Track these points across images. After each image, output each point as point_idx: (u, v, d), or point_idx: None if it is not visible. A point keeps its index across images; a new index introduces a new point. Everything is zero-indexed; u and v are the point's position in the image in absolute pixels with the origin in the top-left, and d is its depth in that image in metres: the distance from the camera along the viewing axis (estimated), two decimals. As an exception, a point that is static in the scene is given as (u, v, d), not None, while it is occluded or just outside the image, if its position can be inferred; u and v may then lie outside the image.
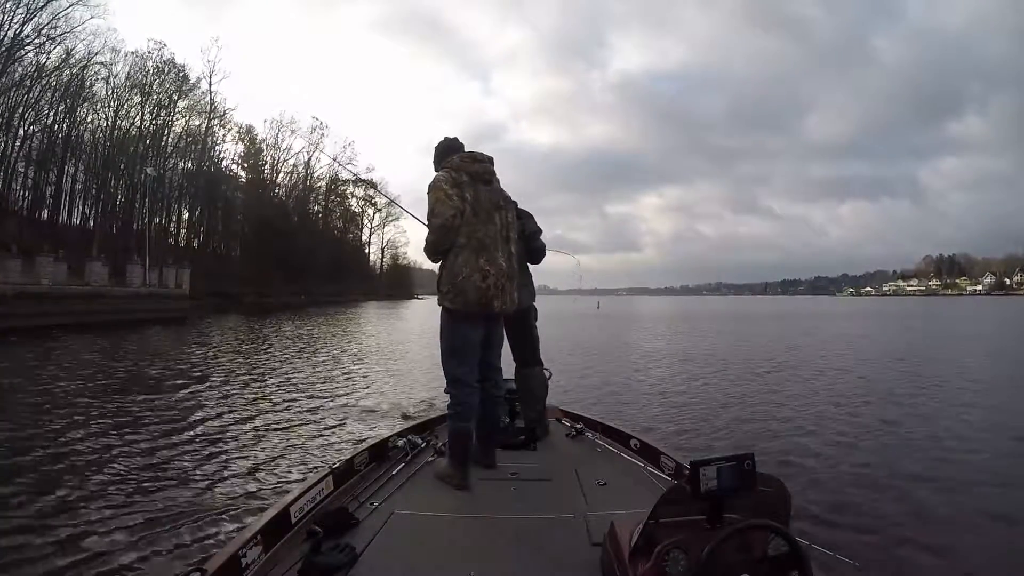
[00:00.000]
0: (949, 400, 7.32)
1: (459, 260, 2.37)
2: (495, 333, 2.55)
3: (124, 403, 6.70)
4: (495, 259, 2.40)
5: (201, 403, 6.89)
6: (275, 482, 3.97)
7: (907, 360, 11.71)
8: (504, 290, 2.41)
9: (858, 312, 44.65)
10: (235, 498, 3.65)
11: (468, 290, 2.35)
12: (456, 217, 2.36)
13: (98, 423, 5.67)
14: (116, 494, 3.66)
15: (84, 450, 4.69)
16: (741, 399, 7.40)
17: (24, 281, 19.52)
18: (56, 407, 6.45)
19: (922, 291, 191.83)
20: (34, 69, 35.47)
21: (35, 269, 20.22)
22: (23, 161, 36.83)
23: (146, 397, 7.13)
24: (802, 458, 4.70)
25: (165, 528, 3.14)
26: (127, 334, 17.36)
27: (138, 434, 5.25)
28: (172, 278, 28.67)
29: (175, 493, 3.70)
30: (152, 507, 3.44)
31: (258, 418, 6.07)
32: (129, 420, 5.80)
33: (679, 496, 1.35)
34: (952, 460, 4.60)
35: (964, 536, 3.19)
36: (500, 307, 2.41)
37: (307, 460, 4.52)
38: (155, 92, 43.62)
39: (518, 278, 2.54)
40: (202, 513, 3.36)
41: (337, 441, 5.15)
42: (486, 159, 2.54)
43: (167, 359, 11.26)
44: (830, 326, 25.16)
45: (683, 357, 12.51)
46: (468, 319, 2.40)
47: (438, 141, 2.74)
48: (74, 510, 3.38)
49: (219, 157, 51.83)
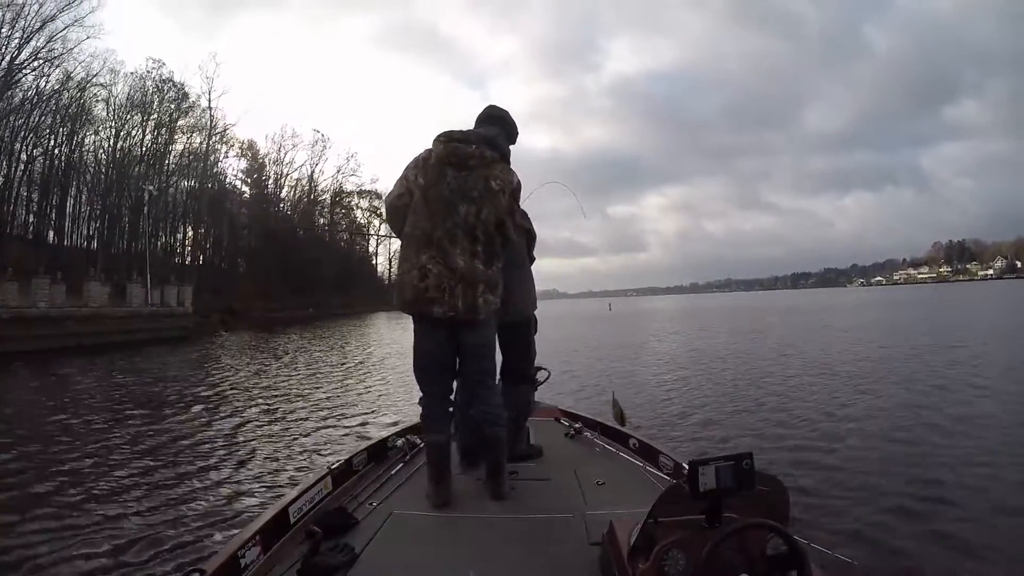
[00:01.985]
0: (953, 396, 7.05)
1: (401, 253, 2.18)
2: (469, 342, 2.16)
3: (116, 421, 6.71)
4: (447, 256, 2.06)
5: (197, 418, 6.91)
6: (273, 483, 4.01)
7: (911, 352, 11.42)
8: (452, 293, 2.06)
9: (867, 302, 43.93)
10: (234, 498, 3.71)
11: (404, 288, 2.12)
12: (401, 198, 2.15)
13: (93, 442, 5.66)
14: (116, 497, 3.75)
15: (82, 459, 4.80)
16: (740, 398, 7.40)
17: (20, 304, 19.02)
18: (41, 431, 6.39)
19: (933, 278, 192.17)
20: (34, 93, 35.50)
21: (31, 291, 19.66)
22: (26, 185, 36.82)
23: (141, 415, 7.13)
24: (802, 458, 4.71)
25: (165, 529, 3.18)
26: (122, 356, 16.74)
27: (135, 446, 5.34)
28: (174, 296, 28.06)
29: (174, 495, 3.77)
30: (151, 508, 3.49)
31: (255, 427, 6.15)
32: (126, 435, 5.85)
33: (678, 496, 1.33)
34: (953, 460, 4.54)
35: (964, 535, 3.17)
36: (443, 313, 2.07)
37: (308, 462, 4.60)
38: (155, 111, 43.55)
39: (487, 281, 2.12)
40: (201, 514, 3.40)
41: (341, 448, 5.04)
42: (463, 138, 2.16)
43: (164, 381, 10.84)
44: (834, 319, 25.17)
45: (687, 356, 12.66)
46: (419, 322, 2.16)
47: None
48: (75, 513, 3.43)
49: (222, 173, 51.83)
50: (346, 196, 65.37)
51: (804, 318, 27.09)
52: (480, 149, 2.14)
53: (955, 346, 11.96)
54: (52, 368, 13.58)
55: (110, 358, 15.92)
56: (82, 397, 8.93)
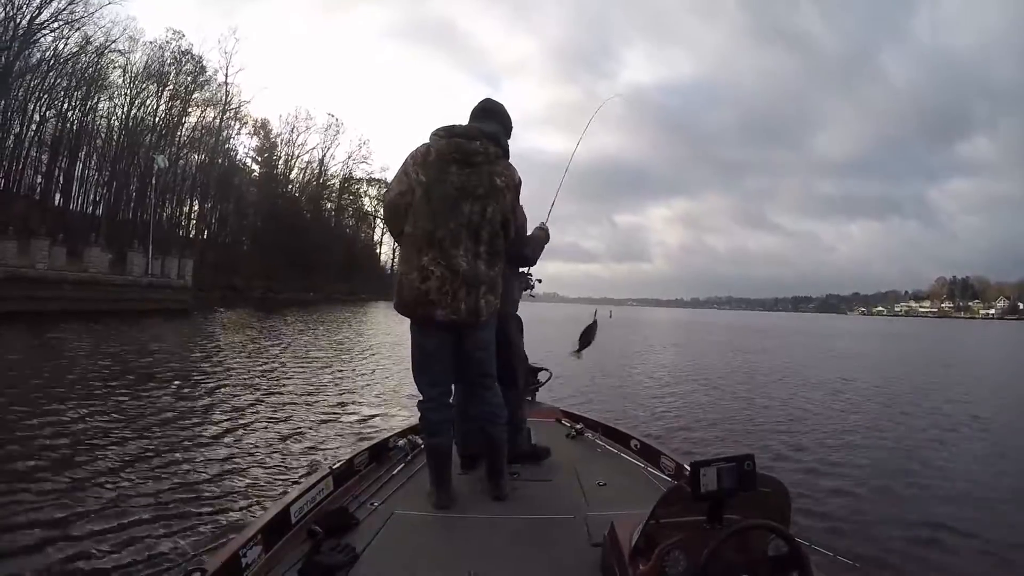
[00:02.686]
0: (955, 409, 7.51)
1: (401, 254, 2.12)
2: (470, 343, 2.12)
3: (112, 400, 6.43)
4: (450, 257, 2.00)
5: (198, 402, 6.69)
6: (275, 482, 3.95)
7: (903, 376, 11.98)
8: (455, 296, 2.00)
9: (872, 332, 44.17)
10: (235, 498, 3.66)
11: (404, 290, 2.04)
12: (403, 196, 2.04)
13: (88, 420, 5.41)
14: (115, 495, 3.62)
15: (79, 451, 4.51)
16: (743, 404, 7.46)
17: (19, 264, 18.83)
18: (29, 401, 6.05)
19: (934, 313, 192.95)
20: (51, 55, 35.33)
21: (31, 252, 19.47)
22: (36, 146, 36.70)
23: (138, 395, 6.80)
24: (802, 459, 4.73)
25: (165, 528, 3.13)
26: (119, 325, 16.52)
27: (134, 435, 5.02)
28: (174, 268, 27.83)
29: (175, 493, 3.67)
30: (152, 507, 3.42)
31: (257, 419, 5.85)
32: (122, 420, 5.52)
33: (679, 497, 1.34)
34: (953, 461, 4.66)
35: (963, 536, 3.23)
36: (445, 317, 2.01)
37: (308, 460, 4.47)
38: (171, 82, 43.36)
39: (488, 283, 2.07)
40: (202, 513, 3.35)
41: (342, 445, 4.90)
42: (465, 133, 2.07)
43: (166, 354, 10.63)
44: (841, 344, 25.43)
45: (690, 366, 12.71)
46: (417, 324, 2.09)
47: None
48: (74, 511, 3.32)
49: (233, 150, 51.65)
50: (355, 183, 65.10)
51: (812, 340, 27.02)
52: (485, 145, 2.06)
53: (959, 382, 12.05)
54: (45, 331, 13.38)
55: (106, 325, 15.73)
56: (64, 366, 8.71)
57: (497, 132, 2.16)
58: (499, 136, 2.15)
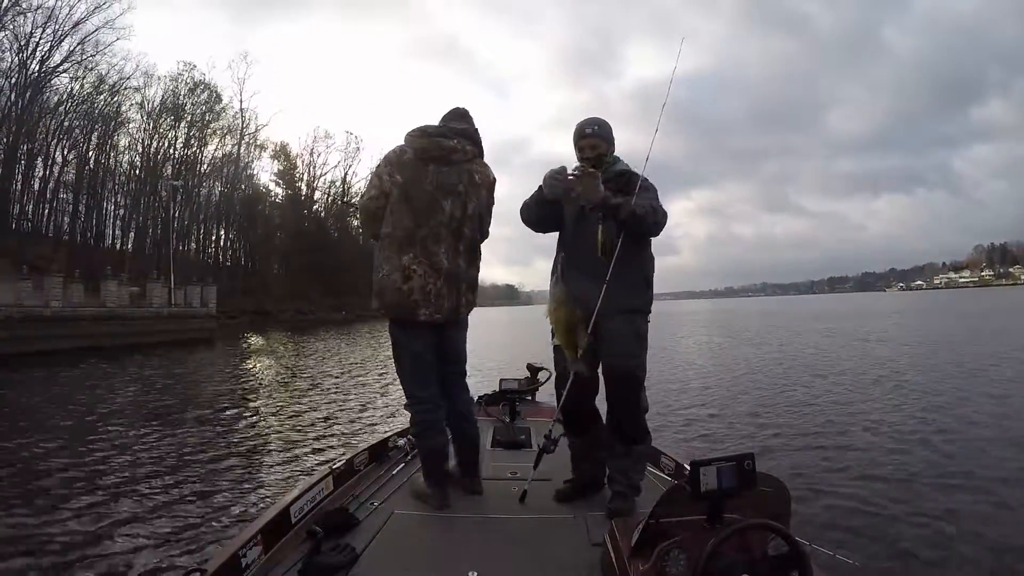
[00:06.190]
0: (961, 397, 6.94)
1: (380, 254, 2.03)
2: (450, 342, 2.12)
3: (123, 427, 6.43)
4: (432, 256, 1.99)
5: (210, 421, 6.74)
6: (274, 483, 4.06)
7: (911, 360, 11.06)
8: (438, 295, 1.99)
9: (910, 309, 40.55)
10: (235, 498, 3.73)
11: (386, 291, 2.00)
12: (377, 200, 2.02)
13: (96, 444, 5.49)
14: (117, 497, 3.73)
15: (84, 460, 4.74)
16: (745, 401, 7.33)
17: (34, 303, 17.89)
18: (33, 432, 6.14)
19: (975, 282, 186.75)
20: (67, 96, 35.37)
21: (44, 290, 18.51)
22: (61, 186, 36.75)
23: (151, 422, 6.73)
24: (803, 459, 4.66)
25: (165, 528, 3.20)
26: (125, 359, 15.23)
27: (139, 448, 5.22)
28: (197, 297, 26.82)
29: (175, 495, 3.77)
30: (152, 508, 3.52)
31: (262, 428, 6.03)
32: (128, 439, 5.69)
33: (679, 496, 1.33)
34: (953, 461, 4.43)
35: (964, 536, 3.12)
36: (428, 316, 2.00)
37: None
38: (187, 113, 43.17)
39: (468, 281, 2.09)
40: (202, 513, 3.44)
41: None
42: (441, 132, 2.06)
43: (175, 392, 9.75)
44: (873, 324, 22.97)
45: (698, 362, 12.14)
46: (401, 325, 2.05)
47: None
48: (75, 513, 3.45)
49: (255, 175, 51.38)
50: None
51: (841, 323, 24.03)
52: (462, 143, 2.07)
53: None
54: (51, 371, 12.09)
55: (121, 361, 14.50)
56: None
57: (472, 131, 2.13)
58: (474, 135, 2.13)
